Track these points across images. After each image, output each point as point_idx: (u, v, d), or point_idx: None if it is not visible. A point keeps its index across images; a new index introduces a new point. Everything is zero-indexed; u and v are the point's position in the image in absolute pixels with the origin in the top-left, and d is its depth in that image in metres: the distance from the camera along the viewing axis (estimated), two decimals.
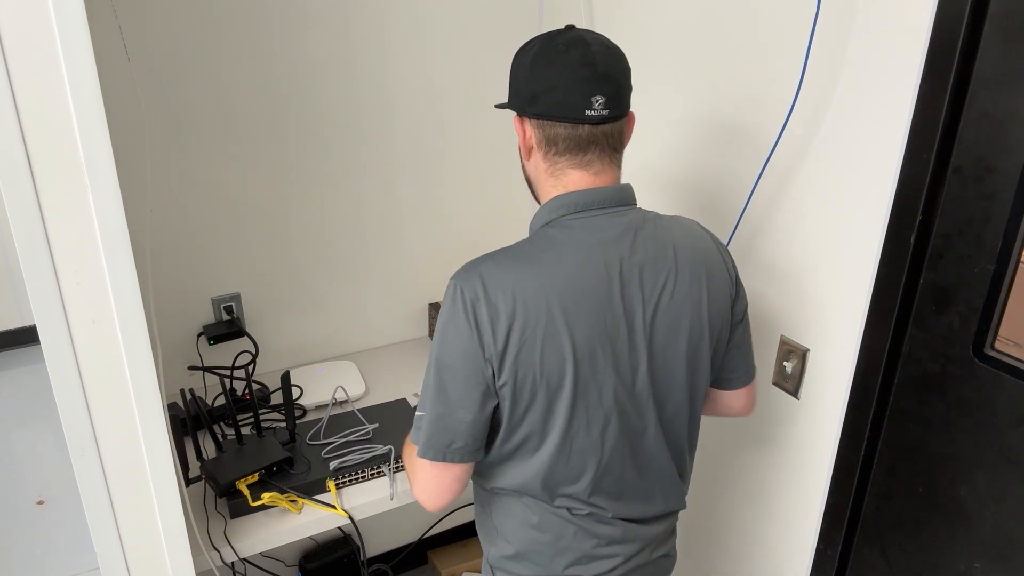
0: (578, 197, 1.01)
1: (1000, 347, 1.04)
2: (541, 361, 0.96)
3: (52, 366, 0.95)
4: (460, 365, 0.97)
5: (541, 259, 0.98)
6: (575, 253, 0.98)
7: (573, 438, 1.01)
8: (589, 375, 0.99)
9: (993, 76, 0.98)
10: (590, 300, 0.97)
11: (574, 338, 0.96)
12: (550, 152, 1.02)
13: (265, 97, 1.65)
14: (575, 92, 0.97)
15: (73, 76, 0.86)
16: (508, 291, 0.95)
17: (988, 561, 1.09)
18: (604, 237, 1.00)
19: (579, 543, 1.08)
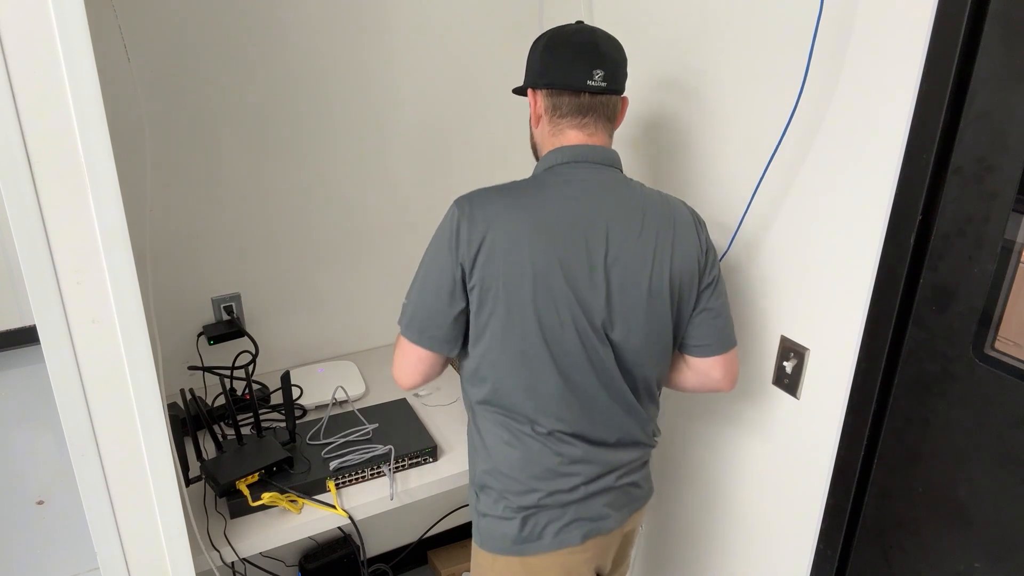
0: (571, 150, 1.20)
1: (1000, 347, 1.04)
2: (505, 274, 1.11)
3: (52, 366, 0.95)
4: (440, 266, 1.15)
5: (526, 194, 1.16)
6: (556, 194, 1.16)
7: (532, 354, 1.14)
8: (547, 297, 1.12)
9: (993, 76, 0.98)
10: (558, 233, 1.12)
11: (535, 262, 1.11)
12: (555, 116, 1.21)
13: (265, 97, 1.65)
14: (579, 66, 1.17)
15: (73, 76, 0.86)
16: (489, 214, 1.13)
17: (988, 561, 1.09)
18: (585, 186, 1.17)
19: (544, 459, 1.20)
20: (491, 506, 1.24)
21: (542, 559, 1.22)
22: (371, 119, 1.79)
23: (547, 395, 1.17)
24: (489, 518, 1.24)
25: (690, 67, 1.47)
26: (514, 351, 1.15)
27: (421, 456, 1.50)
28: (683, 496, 1.71)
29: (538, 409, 1.18)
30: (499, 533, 1.23)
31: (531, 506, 1.20)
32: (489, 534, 1.25)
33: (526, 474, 1.20)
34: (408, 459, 1.49)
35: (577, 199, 1.15)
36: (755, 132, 1.33)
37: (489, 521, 1.25)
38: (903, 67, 1.06)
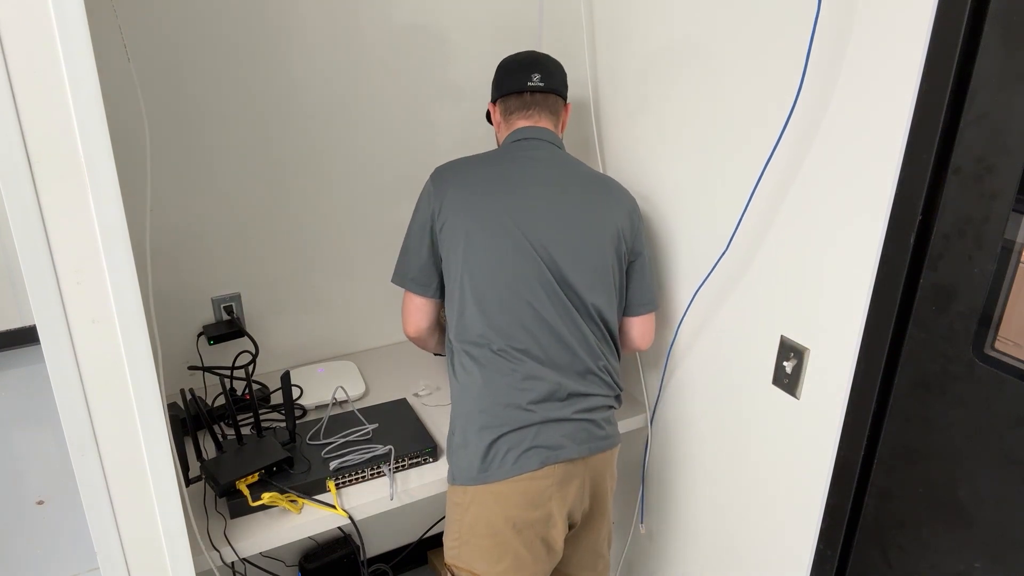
0: (520, 131, 1.50)
1: (1000, 347, 1.04)
2: (462, 213, 1.38)
3: (52, 366, 0.95)
4: (420, 221, 1.45)
5: (483, 158, 1.48)
6: (504, 160, 1.46)
7: (485, 281, 1.36)
8: (495, 229, 1.36)
9: (993, 76, 0.98)
10: (505, 186, 1.40)
11: (484, 204, 1.38)
12: (506, 115, 1.54)
13: (265, 96, 1.65)
14: (520, 73, 1.51)
15: (73, 76, 0.86)
16: (451, 177, 1.43)
17: (988, 561, 1.09)
18: (529, 156, 1.46)
19: (501, 377, 1.36)
20: (459, 438, 1.37)
21: (505, 485, 1.33)
22: (372, 119, 1.79)
23: (498, 316, 1.35)
24: (458, 451, 1.37)
25: (689, 67, 1.47)
26: (472, 281, 1.36)
27: (421, 456, 1.50)
28: (683, 496, 1.71)
29: (491, 328, 1.35)
30: (465, 464, 1.35)
31: (493, 427, 1.34)
32: (458, 466, 1.37)
33: (487, 400, 1.35)
34: (408, 459, 1.49)
35: (522, 159, 1.45)
36: (754, 132, 1.33)
37: (458, 454, 1.37)
38: (903, 67, 1.06)
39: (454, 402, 1.41)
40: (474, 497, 1.35)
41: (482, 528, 1.34)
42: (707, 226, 1.49)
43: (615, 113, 1.73)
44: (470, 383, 1.37)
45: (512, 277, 1.35)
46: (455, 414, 1.40)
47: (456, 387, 1.41)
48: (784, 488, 1.41)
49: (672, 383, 1.69)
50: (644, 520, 1.84)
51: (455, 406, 1.40)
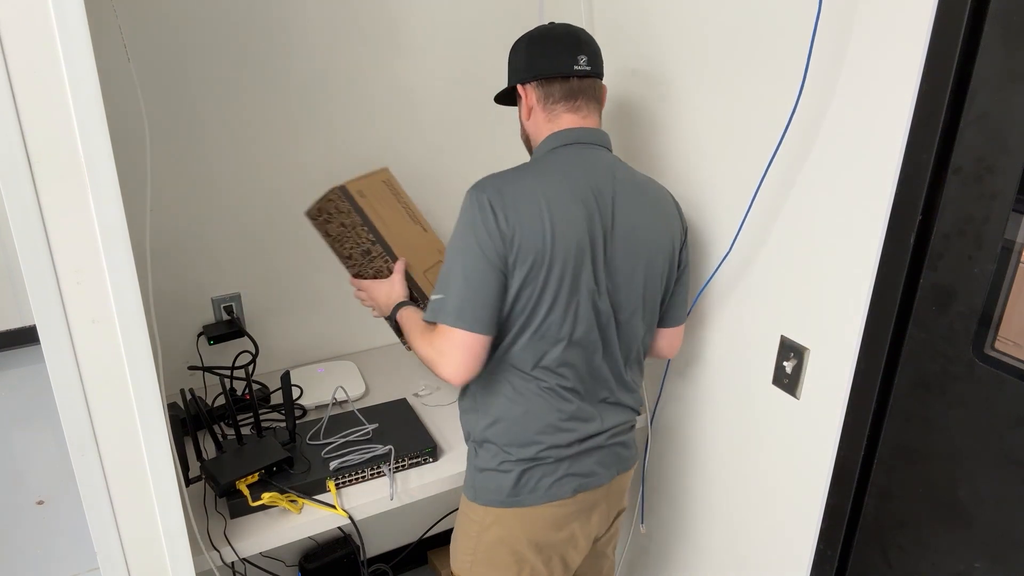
0: (571, 133, 1.28)
1: (1000, 347, 1.04)
2: (537, 242, 1.18)
3: (52, 366, 0.95)
4: (482, 248, 1.17)
5: (539, 172, 1.24)
6: (566, 170, 1.24)
7: (551, 309, 1.21)
8: (567, 260, 1.19)
9: (993, 76, 0.98)
10: (574, 205, 1.20)
11: (555, 229, 1.18)
12: (548, 102, 1.29)
13: (265, 96, 1.65)
14: (564, 54, 1.27)
15: (73, 76, 0.86)
16: (514, 191, 1.19)
17: (988, 561, 1.09)
18: (589, 164, 1.26)
19: (546, 414, 1.27)
20: (489, 460, 1.30)
21: (534, 510, 1.29)
22: (372, 119, 1.79)
23: (554, 352, 1.24)
24: (487, 472, 1.31)
25: (690, 67, 1.47)
26: (543, 313, 1.22)
27: (421, 456, 1.50)
28: (683, 496, 1.71)
29: (551, 362, 1.25)
30: (495, 486, 1.29)
31: (530, 458, 1.27)
32: (484, 487, 1.31)
33: (530, 428, 1.27)
34: (408, 459, 1.49)
35: (583, 176, 1.23)
36: (756, 132, 1.33)
37: (486, 475, 1.31)
38: (903, 67, 1.06)
39: (480, 415, 1.32)
40: (498, 518, 1.31)
41: (503, 549, 1.32)
42: (708, 227, 1.49)
43: (615, 113, 1.73)
44: (509, 409, 1.28)
45: (574, 316, 1.23)
46: (484, 426, 1.31)
47: (484, 403, 1.31)
48: (784, 488, 1.41)
49: (672, 383, 1.69)
50: (644, 520, 1.84)
51: (483, 418, 1.31)
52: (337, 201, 1.43)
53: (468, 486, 1.36)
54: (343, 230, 1.46)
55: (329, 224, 1.46)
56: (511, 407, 1.28)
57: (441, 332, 1.20)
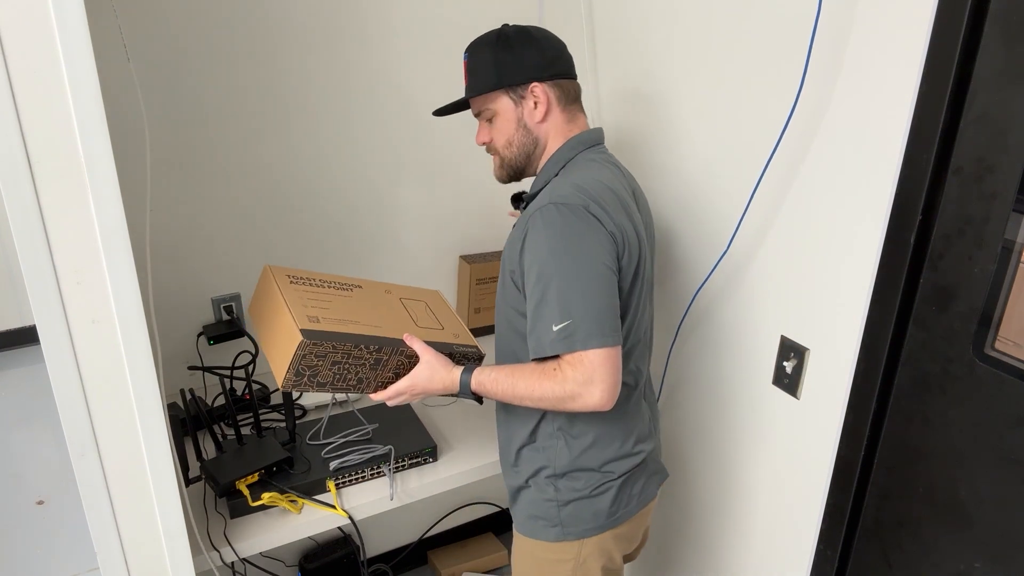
0: (590, 135, 1.26)
1: (1000, 347, 1.04)
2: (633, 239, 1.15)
3: (52, 366, 0.95)
4: (597, 257, 1.09)
5: (593, 177, 1.17)
6: (604, 171, 1.20)
7: (642, 309, 1.22)
8: (646, 256, 1.20)
9: (993, 76, 0.98)
10: (626, 204, 1.18)
11: (635, 225, 1.18)
12: (566, 102, 1.24)
13: (265, 95, 1.65)
14: (565, 55, 1.26)
15: (73, 76, 0.86)
16: (599, 192, 1.13)
17: (988, 561, 1.09)
18: (612, 164, 1.25)
19: (639, 419, 1.27)
20: (581, 488, 1.22)
21: (629, 525, 1.27)
22: (372, 119, 1.79)
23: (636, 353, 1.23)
24: (576, 501, 1.22)
25: (689, 67, 1.47)
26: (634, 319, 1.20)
27: (421, 456, 1.50)
28: (683, 496, 1.71)
29: (631, 369, 1.22)
30: (590, 512, 1.22)
31: (630, 469, 1.24)
32: (577, 518, 1.23)
33: (631, 437, 1.24)
34: (408, 459, 1.49)
35: (618, 177, 1.23)
36: (755, 132, 1.33)
37: (577, 504, 1.22)
38: (903, 67, 1.06)
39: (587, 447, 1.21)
40: (598, 546, 1.24)
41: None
42: (708, 226, 1.49)
43: (616, 113, 1.73)
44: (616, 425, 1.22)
45: (648, 313, 1.27)
46: (585, 461, 1.21)
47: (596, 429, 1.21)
48: (784, 488, 1.41)
49: (672, 383, 1.69)
50: None
51: (587, 453, 1.21)
52: (312, 348, 1.15)
53: (547, 525, 1.24)
54: (338, 367, 1.20)
55: (318, 375, 1.20)
56: (611, 422, 1.20)
57: (578, 360, 1.07)
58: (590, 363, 1.07)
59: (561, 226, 1.08)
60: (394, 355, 1.24)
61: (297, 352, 1.14)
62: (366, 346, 1.19)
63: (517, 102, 1.23)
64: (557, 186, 1.14)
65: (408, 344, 1.24)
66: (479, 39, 1.27)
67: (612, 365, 1.08)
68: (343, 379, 1.23)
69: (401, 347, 1.23)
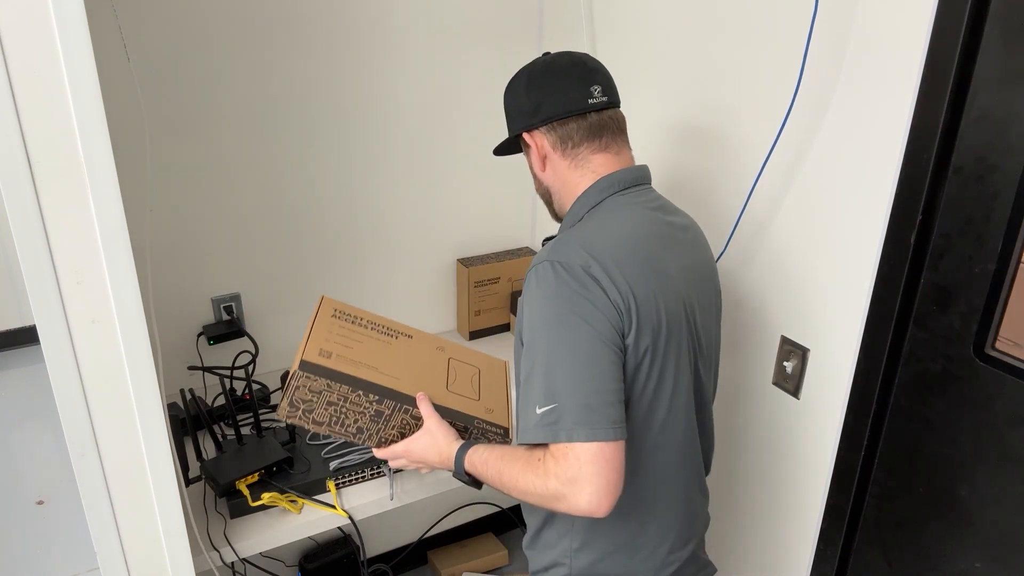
0: (619, 176, 1.07)
1: (1001, 347, 1.04)
2: (653, 311, 0.96)
3: (52, 366, 0.95)
4: (595, 331, 0.92)
5: (612, 222, 1.02)
6: (640, 215, 1.04)
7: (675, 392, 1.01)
8: (675, 330, 1.00)
9: (994, 76, 0.98)
10: (660, 261, 1.01)
11: (668, 286, 1.00)
12: (567, 148, 1.08)
13: (265, 97, 1.65)
14: (573, 89, 1.06)
15: (73, 76, 0.86)
16: (606, 246, 0.97)
17: (988, 561, 1.09)
18: (652, 207, 1.07)
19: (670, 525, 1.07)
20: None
21: None
22: (372, 119, 1.79)
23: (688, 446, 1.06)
24: None
25: (688, 66, 1.47)
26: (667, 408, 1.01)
27: None
28: None
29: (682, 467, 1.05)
30: None
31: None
32: None
33: (665, 545, 1.07)
34: None
35: (657, 222, 1.05)
36: (754, 132, 1.33)
37: None
38: (903, 67, 1.06)
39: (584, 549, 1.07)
40: None
41: None
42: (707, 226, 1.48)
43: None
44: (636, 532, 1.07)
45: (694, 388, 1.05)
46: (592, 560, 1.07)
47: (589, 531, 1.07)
48: (784, 488, 1.41)
49: None
50: None
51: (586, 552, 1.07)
52: (306, 382, 1.11)
53: None
54: (334, 409, 1.16)
55: (313, 412, 1.16)
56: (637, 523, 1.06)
57: (562, 453, 0.90)
58: (576, 458, 0.90)
59: (555, 289, 0.93)
60: (398, 412, 1.17)
61: (291, 382, 1.11)
62: (364, 393, 1.14)
63: (525, 151, 1.16)
64: (564, 238, 1.00)
65: (418, 405, 1.15)
66: None
67: (604, 463, 0.89)
68: (341, 423, 1.18)
69: (407, 405, 1.16)
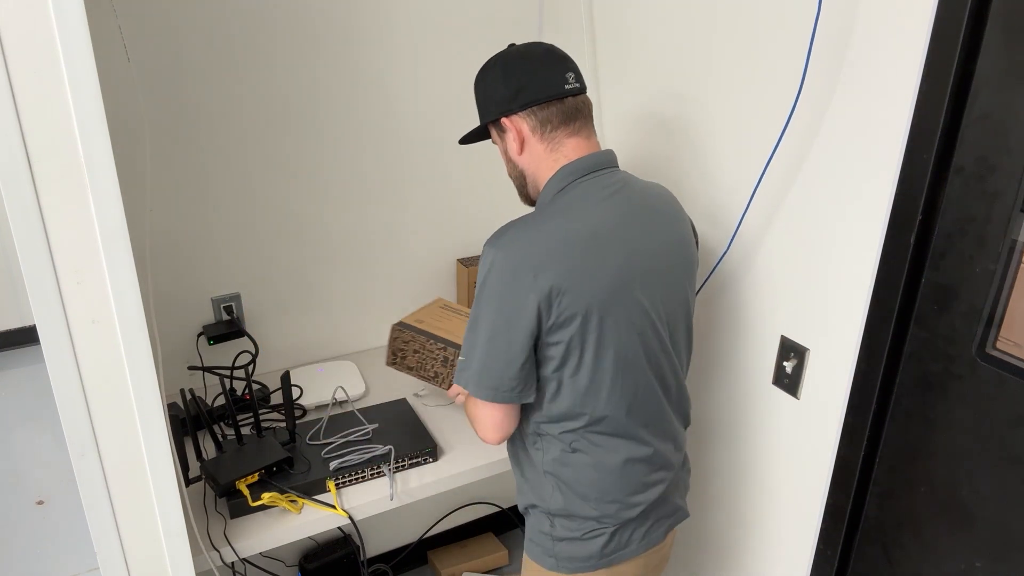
0: (583, 163, 1.15)
1: (1001, 347, 1.04)
2: (584, 308, 1.07)
3: (52, 366, 0.95)
4: (511, 317, 1.07)
5: (565, 216, 1.11)
6: (592, 207, 1.12)
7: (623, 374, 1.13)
8: (619, 307, 1.10)
9: (995, 76, 0.98)
10: (612, 243, 1.10)
11: (602, 276, 1.09)
12: (546, 131, 1.16)
13: (265, 96, 1.65)
14: (551, 74, 1.15)
15: (73, 76, 0.86)
16: (543, 246, 1.07)
17: (989, 560, 1.09)
18: (608, 192, 1.14)
19: (638, 474, 1.19)
20: (574, 530, 1.20)
21: (628, 564, 1.22)
22: (372, 119, 1.79)
23: (642, 408, 1.17)
24: (569, 541, 1.20)
25: (689, 66, 1.47)
26: (609, 377, 1.12)
27: (421, 456, 1.50)
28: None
29: (636, 423, 1.17)
30: (583, 553, 1.20)
31: (625, 520, 1.19)
32: (570, 556, 1.21)
33: (624, 492, 1.18)
34: (408, 459, 1.49)
35: (610, 209, 1.13)
36: (755, 132, 1.33)
37: (570, 544, 1.21)
38: (903, 67, 1.06)
39: (558, 491, 1.20)
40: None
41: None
42: (708, 226, 1.49)
43: (616, 113, 1.73)
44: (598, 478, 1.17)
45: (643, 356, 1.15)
46: (563, 502, 1.19)
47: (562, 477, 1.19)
48: (784, 488, 1.41)
49: None
50: None
51: (559, 495, 1.19)
52: (401, 335, 1.55)
53: (540, 552, 1.24)
54: (419, 356, 1.55)
55: (406, 359, 1.56)
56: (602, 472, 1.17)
57: (471, 399, 1.17)
58: (473, 404, 1.16)
59: (488, 274, 1.09)
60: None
61: (391, 335, 1.57)
62: (434, 343, 1.52)
63: (501, 135, 1.21)
64: (521, 227, 1.11)
65: None
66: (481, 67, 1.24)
67: (488, 416, 1.14)
68: (424, 368, 1.56)
69: None
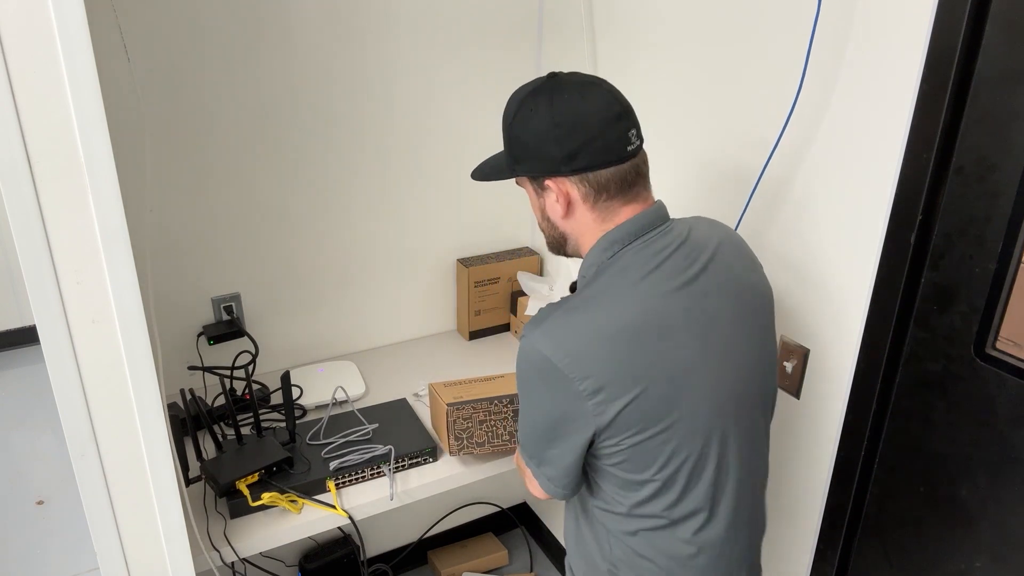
0: (633, 225, 1.00)
1: (1001, 347, 1.04)
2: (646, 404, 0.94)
3: (52, 366, 0.95)
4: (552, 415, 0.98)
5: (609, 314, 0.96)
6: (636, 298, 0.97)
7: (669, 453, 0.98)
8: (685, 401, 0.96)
9: (995, 76, 0.98)
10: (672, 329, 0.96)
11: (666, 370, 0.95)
12: (600, 199, 1.00)
13: (265, 97, 1.65)
14: (612, 133, 0.97)
15: (73, 76, 0.86)
16: (590, 341, 0.94)
17: (989, 560, 1.09)
18: (663, 258, 0.99)
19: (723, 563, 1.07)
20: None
21: None
22: (371, 119, 1.79)
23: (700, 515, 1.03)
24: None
25: (689, 65, 1.47)
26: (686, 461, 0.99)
27: (421, 456, 1.50)
28: None
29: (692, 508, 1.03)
30: None
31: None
32: None
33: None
34: (408, 459, 1.49)
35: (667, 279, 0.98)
36: (755, 131, 1.33)
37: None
38: (903, 67, 1.06)
39: None
40: None
41: None
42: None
43: None
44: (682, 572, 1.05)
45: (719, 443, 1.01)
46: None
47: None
48: (784, 488, 1.41)
49: None
50: None
51: None
52: (459, 413, 1.43)
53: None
54: (485, 427, 1.45)
55: (473, 436, 1.45)
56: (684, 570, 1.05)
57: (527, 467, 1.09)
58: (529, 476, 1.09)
59: (525, 369, 0.99)
60: None
61: (447, 420, 1.42)
62: (499, 401, 1.45)
63: (538, 192, 1.04)
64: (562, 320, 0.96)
65: None
66: (512, 95, 1.05)
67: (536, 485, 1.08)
68: (495, 436, 1.47)
69: None
